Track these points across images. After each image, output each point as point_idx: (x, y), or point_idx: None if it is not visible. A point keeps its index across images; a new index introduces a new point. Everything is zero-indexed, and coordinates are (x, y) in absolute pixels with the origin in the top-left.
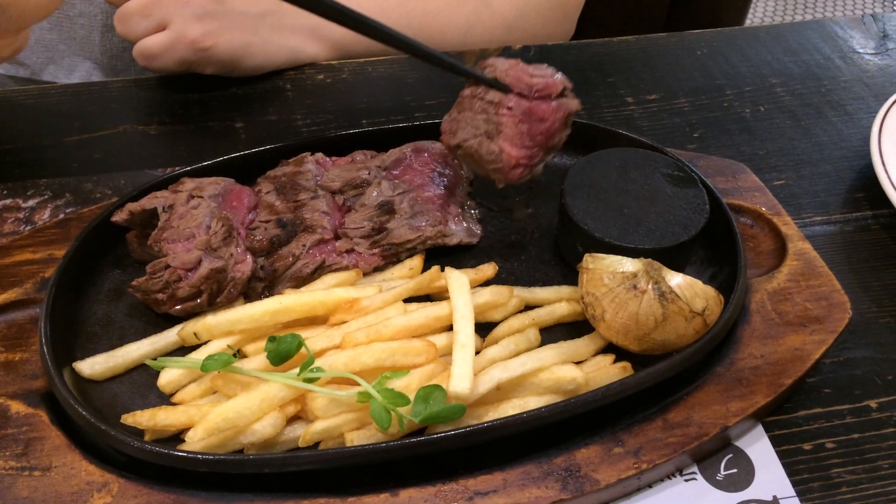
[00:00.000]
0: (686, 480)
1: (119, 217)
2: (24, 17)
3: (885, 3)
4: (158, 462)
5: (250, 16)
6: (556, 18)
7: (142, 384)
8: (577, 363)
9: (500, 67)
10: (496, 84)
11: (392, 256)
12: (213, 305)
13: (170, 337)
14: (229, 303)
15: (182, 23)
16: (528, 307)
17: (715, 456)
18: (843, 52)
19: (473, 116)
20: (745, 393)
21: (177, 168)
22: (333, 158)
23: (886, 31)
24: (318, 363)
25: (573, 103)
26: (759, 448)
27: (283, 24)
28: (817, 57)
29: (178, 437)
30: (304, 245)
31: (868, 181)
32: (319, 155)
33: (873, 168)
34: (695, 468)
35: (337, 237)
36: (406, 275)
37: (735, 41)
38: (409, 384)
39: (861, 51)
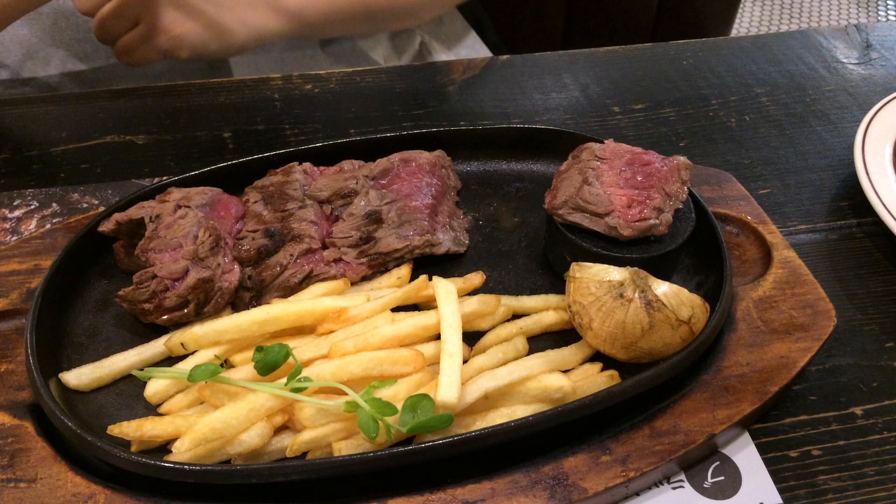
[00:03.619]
0: (673, 488)
1: (106, 227)
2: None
3: (869, 14)
4: (145, 473)
5: (212, 0)
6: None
7: (128, 395)
8: (565, 372)
9: (598, 147)
10: None
11: (380, 266)
12: (200, 315)
13: (156, 347)
14: (216, 312)
15: (152, 15)
16: (516, 316)
17: (702, 463)
18: (827, 61)
19: (571, 176)
20: (732, 401)
21: (164, 178)
22: (321, 168)
23: (869, 41)
24: (305, 373)
25: (681, 158)
26: (745, 455)
27: (240, 2)
28: (801, 67)
29: (164, 447)
30: (291, 255)
31: (852, 190)
32: (307, 165)
33: (857, 177)
34: (682, 476)
35: (324, 247)
36: (394, 284)
37: (720, 51)
38: (396, 393)
39: (845, 60)
